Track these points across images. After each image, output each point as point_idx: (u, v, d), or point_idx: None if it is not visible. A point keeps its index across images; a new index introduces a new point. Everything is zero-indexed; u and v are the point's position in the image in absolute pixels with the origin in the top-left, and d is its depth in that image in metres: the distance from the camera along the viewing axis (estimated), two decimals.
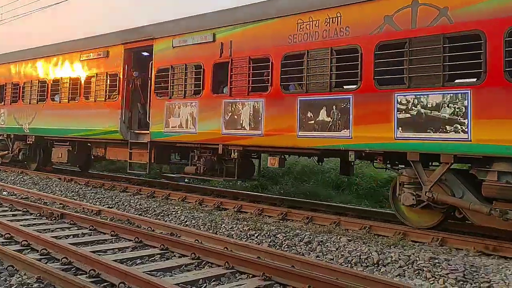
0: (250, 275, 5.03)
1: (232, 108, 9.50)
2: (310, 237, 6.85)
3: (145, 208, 9.43)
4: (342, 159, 9.43)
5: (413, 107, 7.04)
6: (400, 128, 7.15)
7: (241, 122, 9.32)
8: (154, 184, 13.12)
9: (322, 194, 11.77)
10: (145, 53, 12.26)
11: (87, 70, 13.15)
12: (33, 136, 14.98)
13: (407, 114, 7.09)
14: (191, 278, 4.87)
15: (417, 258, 5.74)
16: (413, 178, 7.32)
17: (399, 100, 7.19)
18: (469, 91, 6.58)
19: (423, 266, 5.52)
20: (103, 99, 12.54)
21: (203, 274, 5.02)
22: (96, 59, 12.86)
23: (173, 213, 8.92)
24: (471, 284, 5.08)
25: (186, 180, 14.07)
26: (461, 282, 5.10)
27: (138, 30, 12.03)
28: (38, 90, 14.92)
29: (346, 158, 8.14)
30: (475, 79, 6.77)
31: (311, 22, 8.36)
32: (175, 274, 5.07)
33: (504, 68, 6.27)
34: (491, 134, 6.37)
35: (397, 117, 7.19)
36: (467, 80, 7.38)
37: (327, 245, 6.52)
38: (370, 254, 6.00)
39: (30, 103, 15.20)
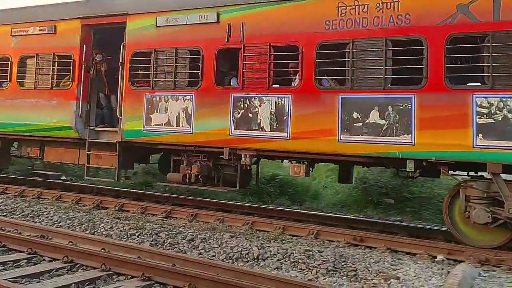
0: (129, 276, 4.88)
1: (245, 105, 7.84)
2: (194, 235, 6.85)
3: (11, 208, 8.64)
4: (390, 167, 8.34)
5: (498, 111, 6.13)
6: (480, 135, 6.20)
7: (259, 121, 7.72)
8: (23, 182, 11.64)
9: (207, 192, 11.20)
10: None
11: (22, 49, 10.38)
12: None
13: (490, 119, 6.15)
14: (61, 283, 4.58)
15: (294, 251, 6.03)
16: (486, 192, 6.43)
17: (479, 103, 6.23)
18: None
19: (299, 259, 5.83)
20: (49, 86, 9.95)
21: (76, 278, 4.74)
22: (38, 36, 10.17)
23: (45, 213, 8.30)
24: (340, 273, 5.47)
25: (63, 177, 12.95)
26: (331, 272, 5.47)
27: (103, 2, 9.67)
28: None
29: (402, 167, 7.02)
30: None
31: (357, 7, 7.08)
32: (43, 280, 4.76)
33: None
34: None
35: (476, 122, 6.22)
36: None
37: (210, 242, 6.57)
38: (251, 249, 6.15)
39: None
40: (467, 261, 6.11)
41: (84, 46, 9.57)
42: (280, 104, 7.55)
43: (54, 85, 9.91)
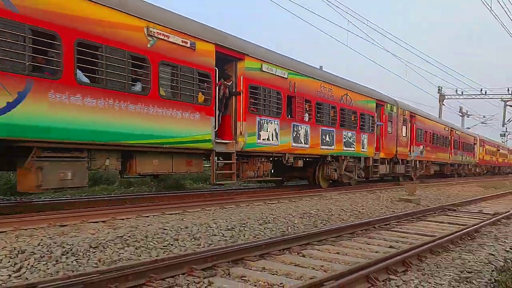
0: None
1: (296, 129, 14.19)
2: None
3: None
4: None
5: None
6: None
7: (302, 139, 14.41)
8: None
9: None
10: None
11: (162, 55, 9.45)
12: None
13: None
14: None
15: None
16: (337, 166, 17.30)
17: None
18: None
19: None
20: (192, 100, 10.28)
21: None
22: (179, 46, 9.88)
23: None
24: None
25: None
26: None
27: (230, 38, 11.28)
28: None
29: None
30: None
31: (325, 87, 15.69)
32: None
33: None
34: None
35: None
36: None
37: None
38: None
39: None
40: None
41: (216, 69, 11.06)
42: (306, 130, 14.70)
43: (196, 100, 10.36)
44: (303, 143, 14.69)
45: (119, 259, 5.55)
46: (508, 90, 46.00)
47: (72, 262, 5.25)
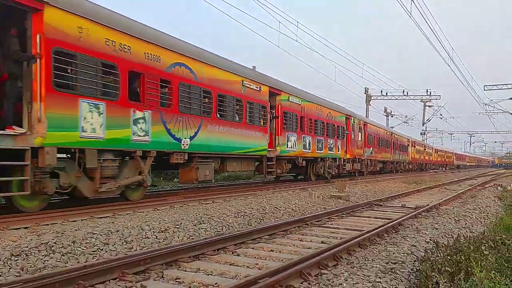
0: None
1: (305, 139, 20.24)
2: None
3: None
4: None
5: None
6: None
7: (308, 146, 20.47)
8: None
9: None
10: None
11: (248, 96, 15.11)
12: None
13: None
14: None
15: None
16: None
17: None
18: None
19: None
20: (258, 123, 15.99)
21: None
22: (251, 89, 15.58)
23: None
24: None
25: None
26: None
27: (279, 83, 17.22)
28: None
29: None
30: None
31: (318, 109, 21.88)
32: None
33: None
34: None
35: None
36: None
37: None
38: None
39: None
40: None
41: (270, 100, 16.86)
42: (309, 140, 20.78)
43: (259, 123, 16.08)
44: (308, 149, 20.78)
45: (44, 266, 5.35)
46: (427, 91, 51.75)
47: None
